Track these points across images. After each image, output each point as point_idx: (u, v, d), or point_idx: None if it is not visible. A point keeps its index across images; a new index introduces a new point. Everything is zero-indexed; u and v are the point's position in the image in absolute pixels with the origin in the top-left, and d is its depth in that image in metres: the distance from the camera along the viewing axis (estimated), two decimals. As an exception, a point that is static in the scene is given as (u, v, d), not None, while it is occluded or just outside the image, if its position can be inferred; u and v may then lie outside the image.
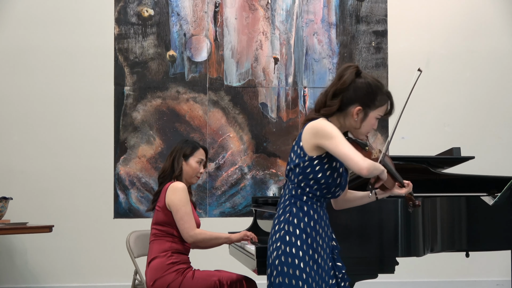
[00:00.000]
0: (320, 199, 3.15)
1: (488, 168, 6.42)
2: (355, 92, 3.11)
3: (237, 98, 7.14)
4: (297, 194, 3.15)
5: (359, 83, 3.13)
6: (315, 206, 3.14)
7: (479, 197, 4.14)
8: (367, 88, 3.12)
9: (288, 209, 3.15)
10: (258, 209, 4.82)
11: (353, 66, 3.17)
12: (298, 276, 3.05)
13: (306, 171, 3.11)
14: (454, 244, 4.20)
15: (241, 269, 4.58)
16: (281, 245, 3.09)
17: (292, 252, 3.07)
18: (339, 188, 3.17)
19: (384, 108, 3.17)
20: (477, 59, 7.34)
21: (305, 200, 3.13)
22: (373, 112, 3.13)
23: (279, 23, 7.21)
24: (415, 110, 7.22)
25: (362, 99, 3.11)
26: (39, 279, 6.95)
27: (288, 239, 3.09)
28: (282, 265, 3.08)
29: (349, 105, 3.12)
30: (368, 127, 3.16)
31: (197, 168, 4.42)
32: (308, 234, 3.09)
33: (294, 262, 3.06)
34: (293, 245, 3.07)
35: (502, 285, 7.12)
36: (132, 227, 5.12)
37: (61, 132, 7.01)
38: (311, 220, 3.12)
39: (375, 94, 3.12)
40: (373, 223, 3.86)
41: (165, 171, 4.41)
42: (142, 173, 7.03)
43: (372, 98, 3.12)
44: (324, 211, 3.19)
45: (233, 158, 7.12)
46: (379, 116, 3.17)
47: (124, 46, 7.09)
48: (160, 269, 4.20)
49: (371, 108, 3.13)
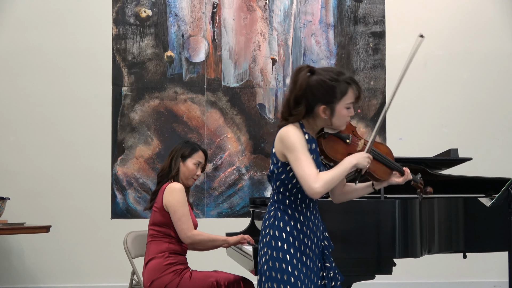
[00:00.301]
0: (304, 201, 3.14)
1: (486, 169, 6.42)
2: (313, 93, 3.06)
3: (235, 99, 7.14)
4: (279, 199, 3.14)
5: (314, 82, 3.06)
6: (300, 208, 3.13)
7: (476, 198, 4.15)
8: (323, 85, 3.05)
9: (272, 213, 3.14)
10: (255, 210, 4.82)
11: (304, 67, 3.11)
12: (286, 280, 3.04)
13: (281, 177, 3.11)
14: (452, 245, 4.20)
15: (238, 270, 4.58)
16: (268, 250, 3.09)
17: (279, 256, 3.06)
18: None
19: (350, 96, 3.09)
20: (475, 60, 7.34)
21: (288, 204, 3.12)
22: (339, 105, 3.07)
23: (277, 24, 7.21)
24: (413, 111, 7.22)
25: (322, 97, 3.06)
26: (36, 279, 6.94)
27: (274, 243, 3.08)
28: (271, 270, 3.07)
29: (314, 106, 3.08)
30: (341, 119, 3.10)
31: (193, 170, 4.42)
32: (295, 237, 3.08)
33: (282, 266, 3.05)
34: (280, 250, 3.06)
35: (499, 286, 7.12)
36: (130, 228, 5.12)
37: (59, 132, 7.00)
38: (298, 222, 3.11)
39: (333, 88, 3.05)
40: (370, 224, 3.87)
41: (164, 170, 4.42)
42: (139, 173, 7.02)
43: (331, 93, 3.05)
44: (312, 212, 3.17)
45: (230, 158, 7.12)
46: (349, 104, 3.09)
47: (122, 47, 7.09)
48: (157, 270, 4.20)
49: (335, 102, 3.06)
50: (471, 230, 4.21)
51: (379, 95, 7.22)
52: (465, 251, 4.34)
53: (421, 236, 3.96)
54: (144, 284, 4.25)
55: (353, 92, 3.09)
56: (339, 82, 3.06)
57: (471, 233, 4.21)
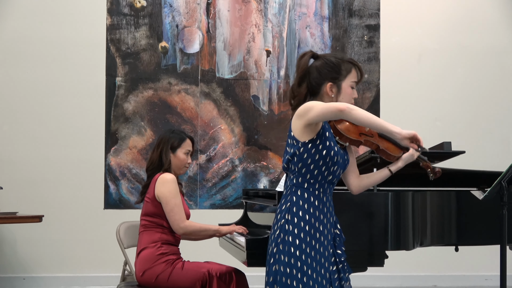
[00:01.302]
0: (323, 184, 3.20)
1: (479, 162, 6.43)
2: (319, 72, 3.22)
3: (229, 90, 7.13)
4: (298, 182, 3.20)
5: (319, 63, 3.24)
6: (317, 192, 3.19)
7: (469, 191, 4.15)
8: (329, 63, 3.23)
9: (289, 198, 3.20)
10: (248, 202, 4.82)
11: (307, 52, 3.28)
12: (293, 264, 3.09)
13: (303, 157, 3.16)
14: (444, 238, 4.21)
15: (231, 261, 4.59)
16: (280, 233, 3.15)
17: (289, 240, 3.11)
18: (337, 167, 3.20)
19: (354, 74, 3.26)
20: (469, 54, 7.35)
21: (306, 187, 3.18)
22: (345, 82, 3.23)
23: (271, 16, 7.19)
24: (406, 104, 7.23)
25: (328, 74, 3.22)
26: (28, 269, 6.94)
27: (287, 227, 3.14)
28: (280, 253, 3.13)
29: (320, 86, 3.22)
30: (347, 98, 3.24)
31: (185, 159, 4.42)
32: (306, 221, 3.14)
33: (290, 250, 3.10)
34: (291, 233, 3.12)
35: (490, 279, 7.14)
36: (122, 218, 5.12)
37: (52, 122, 6.99)
38: (311, 206, 3.17)
39: (338, 65, 3.22)
40: (363, 217, 3.87)
41: (153, 163, 4.40)
42: (132, 164, 7.02)
43: (337, 70, 3.22)
44: (327, 198, 3.24)
45: (224, 150, 7.11)
46: (353, 83, 3.25)
47: (116, 37, 7.07)
48: (149, 260, 4.19)
49: (341, 79, 3.23)
50: (463, 223, 4.22)
51: (373, 88, 7.22)
52: (457, 244, 4.35)
53: (414, 228, 3.96)
54: (136, 274, 4.25)
55: (356, 72, 3.27)
56: (344, 61, 3.24)
57: (463, 226, 4.22)
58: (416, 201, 4.01)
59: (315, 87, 3.22)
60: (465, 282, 7.22)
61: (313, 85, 3.22)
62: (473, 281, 7.21)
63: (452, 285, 7.20)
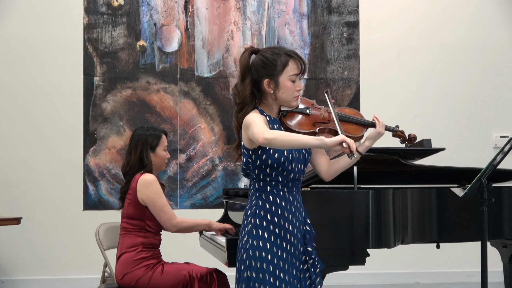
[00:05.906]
0: (286, 184, 3.18)
1: (459, 159, 6.45)
2: (257, 70, 3.20)
3: (208, 89, 7.10)
4: (260, 187, 3.18)
5: (256, 60, 3.22)
6: (282, 193, 3.17)
7: (449, 188, 4.15)
8: (263, 59, 3.19)
9: (254, 203, 3.18)
10: (229, 201, 4.79)
11: (247, 49, 3.26)
12: (265, 269, 3.07)
13: (257, 164, 3.16)
14: (425, 236, 4.20)
15: (211, 262, 4.55)
16: (249, 239, 3.13)
17: (259, 245, 3.10)
18: (295, 163, 3.17)
19: (292, 67, 3.19)
20: (448, 51, 7.36)
21: (270, 190, 3.16)
22: (282, 77, 3.18)
23: (250, 14, 7.16)
24: (386, 101, 7.23)
25: (264, 71, 3.18)
26: (8, 271, 6.87)
27: (255, 232, 3.12)
28: (250, 259, 3.10)
29: (259, 84, 3.20)
30: (287, 92, 3.20)
31: (165, 156, 4.42)
32: (275, 224, 3.12)
33: (262, 255, 3.08)
34: (260, 238, 3.10)
35: (472, 276, 7.17)
36: (102, 219, 5.07)
37: (30, 123, 6.92)
38: (279, 208, 3.14)
39: (273, 61, 3.17)
40: (343, 215, 3.86)
41: (133, 166, 4.32)
42: (112, 164, 6.96)
43: (272, 65, 3.18)
44: (294, 196, 3.21)
45: (204, 149, 7.08)
46: (292, 76, 3.19)
47: (94, 36, 7.01)
48: (129, 264, 4.16)
49: (278, 75, 3.17)
50: (444, 220, 4.22)
51: (353, 85, 7.21)
52: (438, 241, 4.34)
53: (395, 226, 3.96)
54: (116, 276, 4.22)
55: (295, 64, 3.20)
56: (280, 56, 3.19)
57: (444, 223, 4.22)
58: (397, 199, 4.01)
59: (257, 83, 3.21)
60: (447, 278, 7.24)
61: (255, 81, 3.21)
62: (455, 278, 7.23)
63: (434, 282, 7.22)
